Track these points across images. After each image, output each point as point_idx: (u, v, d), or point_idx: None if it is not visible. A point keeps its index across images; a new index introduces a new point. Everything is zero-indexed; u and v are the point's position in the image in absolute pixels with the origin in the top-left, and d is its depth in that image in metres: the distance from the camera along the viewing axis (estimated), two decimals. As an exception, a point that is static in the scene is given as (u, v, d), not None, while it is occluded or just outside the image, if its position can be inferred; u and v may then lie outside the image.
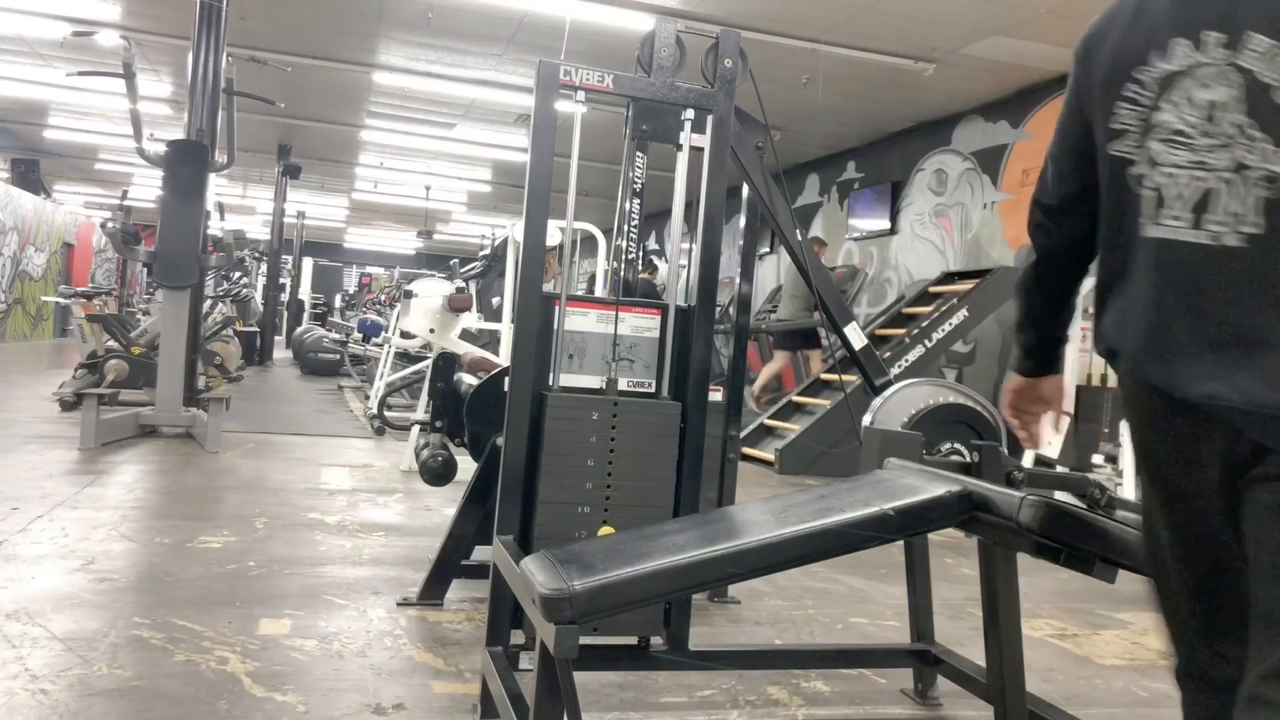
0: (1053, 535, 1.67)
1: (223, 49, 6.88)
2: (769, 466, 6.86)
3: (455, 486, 3.67)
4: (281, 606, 2.87)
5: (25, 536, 3.46)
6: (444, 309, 5.93)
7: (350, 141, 13.40)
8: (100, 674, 2.24)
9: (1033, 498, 1.69)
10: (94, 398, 5.52)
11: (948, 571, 3.96)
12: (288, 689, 2.24)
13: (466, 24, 7.94)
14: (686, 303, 2.37)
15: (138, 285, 23.26)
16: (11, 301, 15.85)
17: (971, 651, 2.67)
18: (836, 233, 11.23)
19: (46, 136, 14.49)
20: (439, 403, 3.41)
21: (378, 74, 9.58)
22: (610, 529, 2.20)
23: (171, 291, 6.11)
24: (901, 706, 2.43)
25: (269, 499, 4.44)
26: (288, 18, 8.12)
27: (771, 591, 3.46)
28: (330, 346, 12.83)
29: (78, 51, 9.48)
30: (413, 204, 19.03)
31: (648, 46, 2.41)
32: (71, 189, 20.77)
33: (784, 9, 7.11)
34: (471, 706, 2.20)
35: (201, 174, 6.18)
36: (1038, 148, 8.50)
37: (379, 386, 7.90)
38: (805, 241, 3.39)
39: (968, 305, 7.22)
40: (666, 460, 2.26)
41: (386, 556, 3.55)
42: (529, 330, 2.21)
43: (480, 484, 2.92)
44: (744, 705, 2.35)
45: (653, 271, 10.96)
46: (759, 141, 3.14)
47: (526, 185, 2.23)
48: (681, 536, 1.75)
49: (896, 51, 7.85)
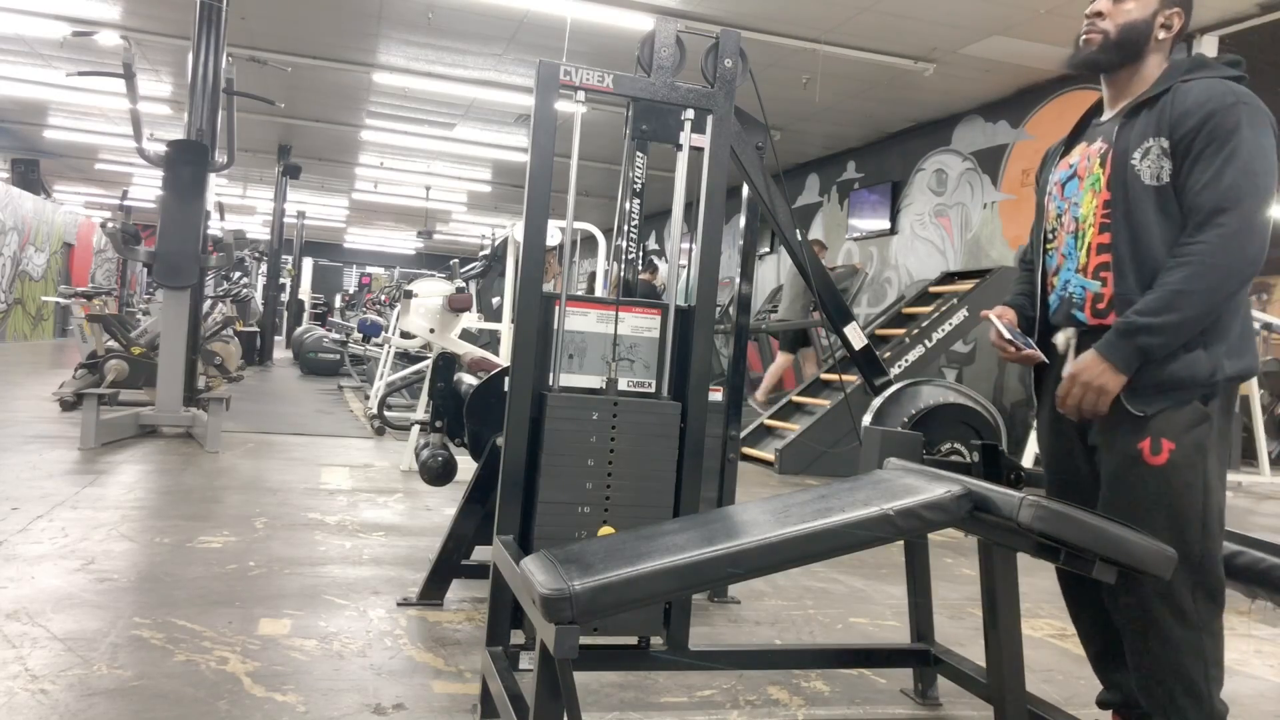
0: (1053, 535, 1.67)
1: (223, 49, 6.88)
2: (769, 466, 6.85)
3: (455, 486, 3.67)
4: (281, 606, 2.87)
5: (25, 536, 3.46)
6: (444, 309, 5.93)
7: (350, 141, 13.40)
8: (100, 674, 2.24)
9: (1033, 498, 1.69)
10: (94, 398, 5.52)
11: (948, 571, 3.96)
12: (288, 689, 2.24)
13: (466, 24, 7.94)
14: (686, 303, 2.37)
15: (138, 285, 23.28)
16: (11, 301, 15.85)
17: (971, 651, 2.67)
18: (836, 233, 11.23)
19: (46, 136, 14.49)
20: (439, 403, 3.41)
21: (378, 74, 9.59)
22: (610, 529, 2.20)
23: (171, 291, 6.11)
24: (901, 706, 2.43)
25: (269, 499, 4.44)
26: (288, 18, 8.12)
27: (771, 591, 3.46)
28: (330, 347, 12.82)
29: (78, 51, 9.48)
30: (413, 204, 19.03)
31: (648, 46, 2.41)
32: (71, 189, 20.78)
33: (784, 9, 7.11)
34: (471, 706, 2.20)
35: (201, 174, 6.18)
36: (1038, 147, 8.49)
37: (379, 386, 7.90)
38: (805, 242, 3.39)
39: (968, 305, 7.22)
40: (666, 460, 2.26)
41: (386, 556, 3.55)
42: (529, 330, 2.21)
43: (480, 484, 2.92)
44: (744, 705, 2.35)
45: (653, 272, 10.96)
46: (759, 141, 3.13)
47: (526, 185, 2.23)
48: (681, 536, 1.76)
49: (896, 51, 7.85)
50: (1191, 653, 1.80)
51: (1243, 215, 1.73)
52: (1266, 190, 1.76)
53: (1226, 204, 1.74)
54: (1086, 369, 1.81)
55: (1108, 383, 1.79)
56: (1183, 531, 1.80)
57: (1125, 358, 1.78)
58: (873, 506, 1.77)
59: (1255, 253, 1.75)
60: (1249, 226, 1.74)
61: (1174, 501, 1.80)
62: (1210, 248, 1.74)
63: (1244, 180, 1.74)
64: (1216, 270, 1.73)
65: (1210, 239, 1.74)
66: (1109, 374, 1.79)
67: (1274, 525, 6.02)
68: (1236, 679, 2.79)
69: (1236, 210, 1.73)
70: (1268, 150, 1.78)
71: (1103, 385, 1.79)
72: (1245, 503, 6.97)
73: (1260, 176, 1.75)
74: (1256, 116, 1.78)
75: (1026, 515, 1.67)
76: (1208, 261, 1.73)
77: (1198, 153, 1.78)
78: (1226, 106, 1.77)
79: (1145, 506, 1.81)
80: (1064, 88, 8.22)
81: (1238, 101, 1.78)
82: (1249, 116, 1.77)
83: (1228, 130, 1.76)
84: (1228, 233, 1.73)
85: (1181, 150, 1.80)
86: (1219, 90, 1.80)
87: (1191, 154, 1.79)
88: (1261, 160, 1.76)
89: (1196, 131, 1.78)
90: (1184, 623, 1.80)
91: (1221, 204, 1.74)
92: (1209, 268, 1.73)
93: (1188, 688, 1.81)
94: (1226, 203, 1.74)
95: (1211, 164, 1.76)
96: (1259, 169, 1.75)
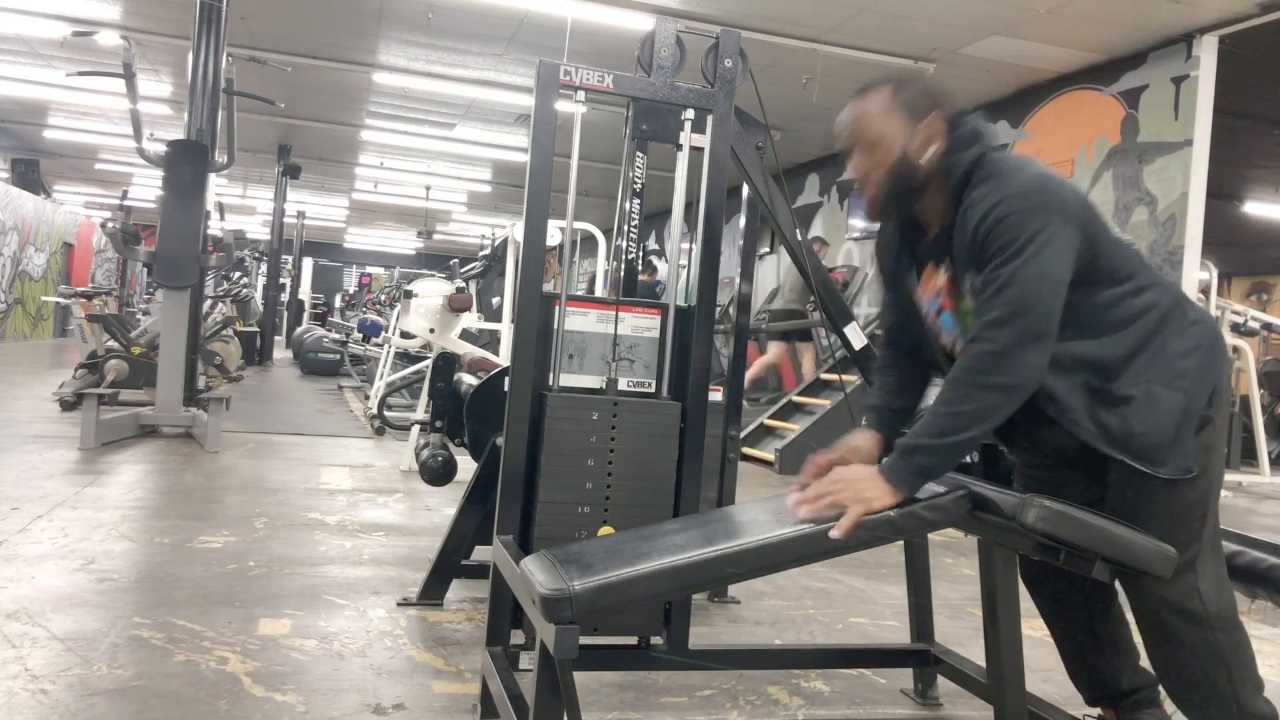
0: (1053, 535, 1.67)
1: (223, 49, 6.88)
2: (769, 466, 6.86)
3: (455, 486, 3.66)
4: (281, 606, 2.87)
5: (25, 536, 3.46)
6: (444, 309, 5.93)
7: (350, 141, 13.39)
8: (100, 674, 2.24)
9: (1033, 498, 1.69)
10: (94, 398, 5.52)
11: (948, 571, 3.96)
12: (288, 689, 2.24)
13: (466, 24, 7.94)
14: (686, 303, 2.37)
15: (138, 285, 23.27)
16: (11, 301, 15.85)
17: (971, 651, 2.67)
18: (836, 233, 11.23)
19: (46, 136, 14.48)
20: (439, 403, 3.41)
21: (378, 74, 9.58)
22: (610, 529, 2.20)
23: (171, 291, 6.11)
24: (901, 706, 2.43)
25: (269, 499, 4.44)
26: (288, 18, 8.12)
27: (771, 591, 3.46)
28: (330, 346, 12.81)
29: (78, 51, 9.48)
30: (413, 204, 19.03)
31: (648, 46, 2.41)
32: (71, 189, 20.77)
33: (784, 9, 7.11)
34: (471, 706, 2.20)
35: (201, 174, 6.18)
36: (1038, 148, 8.49)
37: (379, 386, 7.90)
38: (805, 241, 3.39)
39: (968, 305, 7.20)
40: (666, 460, 2.26)
41: (386, 556, 3.55)
42: (529, 330, 2.21)
43: (480, 484, 2.92)
44: (744, 705, 2.35)
45: (651, 272, 10.95)
46: (759, 141, 3.13)
47: (526, 185, 2.23)
48: (681, 536, 1.75)
49: (896, 51, 7.85)
50: (1208, 656, 1.77)
51: (1013, 332, 1.65)
52: (1042, 305, 1.66)
53: (998, 321, 1.66)
54: (861, 478, 1.71)
55: (875, 498, 1.68)
56: (1185, 532, 1.77)
57: (906, 480, 1.70)
58: (873, 506, 1.76)
59: (1025, 371, 1.66)
60: (1017, 343, 1.65)
61: (1183, 510, 1.77)
62: (981, 364, 1.67)
63: (1017, 296, 1.65)
64: (990, 390, 1.66)
65: (980, 353, 1.67)
66: (883, 493, 1.68)
67: (1274, 525, 6.02)
68: (1236, 679, 2.79)
69: (1007, 327, 1.65)
70: (1054, 258, 1.66)
71: (868, 499, 1.67)
72: (1245, 503, 6.97)
73: (1036, 289, 1.65)
74: (1040, 214, 1.67)
75: (1027, 515, 1.67)
76: (979, 381, 1.66)
77: (987, 263, 1.70)
78: (1001, 220, 1.68)
79: (1153, 512, 1.76)
80: (1064, 88, 8.22)
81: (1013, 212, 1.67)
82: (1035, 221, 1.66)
83: (1012, 242, 1.66)
84: (996, 350, 1.66)
85: (986, 258, 1.71)
86: (993, 203, 1.70)
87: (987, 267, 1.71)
88: (1039, 276, 1.65)
89: (984, 249, 1.70)
90: (1195, 625, 1.78)
91: (994, 320, 1.67)
92: (981, 387, 1.66)
93: (1211, 692, 1.79)
94: (997, 321, 1.66)
95: (993, 276, 1.68)
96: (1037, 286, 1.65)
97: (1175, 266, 7.08)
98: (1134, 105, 7.52)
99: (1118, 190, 7.63)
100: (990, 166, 1.77)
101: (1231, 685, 1.79)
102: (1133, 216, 7.48)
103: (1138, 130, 7.47)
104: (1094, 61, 7.74)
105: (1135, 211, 7.46)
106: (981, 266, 1.72)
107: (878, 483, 1.70)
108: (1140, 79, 7.47)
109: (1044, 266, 1.66)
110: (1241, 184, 11.62)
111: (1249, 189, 11.85)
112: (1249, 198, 12.14)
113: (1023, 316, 1.65)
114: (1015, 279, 1.66)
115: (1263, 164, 10.66)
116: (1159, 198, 7.26)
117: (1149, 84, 7.40)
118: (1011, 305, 1.65)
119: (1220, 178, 8.94)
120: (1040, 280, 1.66)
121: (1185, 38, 7.03)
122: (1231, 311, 8.31)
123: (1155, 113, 7.33)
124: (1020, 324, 1.65)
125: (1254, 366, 7.78)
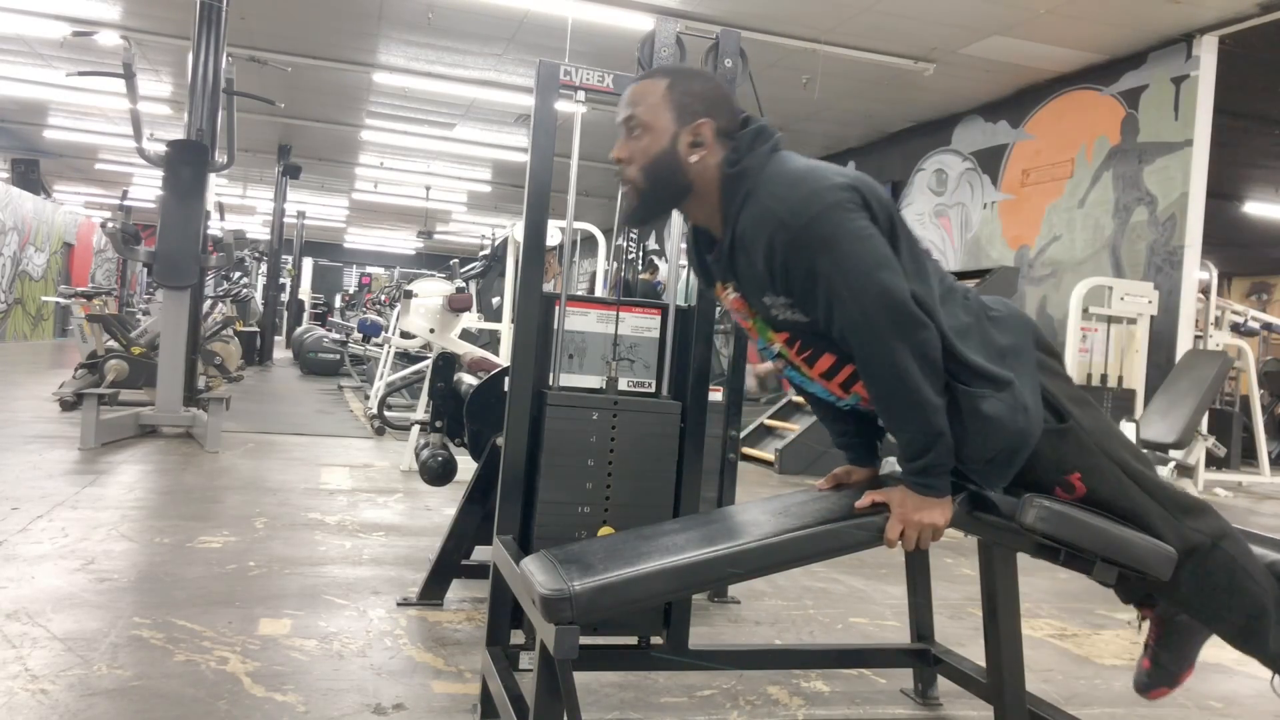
0: (1053, 535, 1.67)
1: (223, 49, 6.88)
2: (769, 466, 6.86)
3: (455, 486, 3.66)
4: (281, 606, 2.87)
5: (25, 536, 3.46)
6: (444, 309, 5.93)
7: (350, 141, 13.40)
8: (100, 674, 2.24)
9: (1033, 498, 1.69)
10: (94, 398, 5.52)
11: (948, 571, 3.96)
12: (288, 689, 2.24)
13: (466, 24, 7.94)
14: (686, 303, 2.37)
15: (138, 285, 23.27)
16: (11, 301, 15.85)
17: (971, 651, 2.67)
18: (836, 233, 11.24)
19: (46, 136, 14.50)
20: (439, 403, 3.41)
21: (378, 74, 9.59)
22: (610, 529, 2.20)
23: (171, 291, 6.11)
24: (901, 706, 2.43)
25: (269, 499, 4.44)
26: (288, 18, 8.13)
27: (771, 591, 3.46)
28: (330, 346, 12.82)
29: (78, 51, 9.49)
30: (413, 204, 19.04)
31: (648, 46, 2.41)
32: (71, 189, 20.79)
33: (784, 9, 7.11)
34: (471, 706, 2.20)
35: (201, 174, 6.18)
36: (1038, 147, 8.50)
37: (379, 386, 7.90)
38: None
39: (968, 305, 7.20)
40: (666, 460, 2.26)
41: (386, 556, 3.55)
42: (529, 330, 2.21)
43: (480, 484, 2.92)
44: (744, 705, 2.35)
45: (652, 271, 10.95)
46: (759, 141, 3.13)
47: (526, 185, 2.23)
48: (681, 536, 1.75)
49: (896, 51, 7.86)
50: (1219, 569, 1.73)
51: (886, 332, 1.57)
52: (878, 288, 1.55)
53: (870, 339, 1.58)
54: (913, 508, 1.66)
55: (940, 518, 1.66)
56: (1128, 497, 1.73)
57: (933, 484, 1.65)
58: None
59: (913, 339, 1.57)
60: (894, 335, 1.57)
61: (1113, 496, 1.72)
62: (884, 372, 1.59)
63: (859, 311, 1.56)
64: (903, 377, 1.57)
65: (878, 369, 1.60)
66: (934, 507, 1.66)
67: (1274, 525, 6.02)
68: (1236, 679, 2.79)
69: (879, 334, 1.57)
70: (853, 247, 1.56)
71: (935, 523, 1.66)
72: (1245, 503, 6.97)
73: (864, 285, 1.56)
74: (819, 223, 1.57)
75: (1026, 515, 1.67)
76: (897, 385, 1.58)
77: (807, 293, 1.61)
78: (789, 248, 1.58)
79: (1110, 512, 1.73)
80: (1064, 88, 8.23)
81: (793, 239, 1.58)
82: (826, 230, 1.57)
83: (811, 270, 1.58)
84: (887, 359, 1.58)
85: (797, 292, 1.63)
86: (770, 232, 1.60)
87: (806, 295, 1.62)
88: (858, 272, 1.56)
89: (788, 282, 1.61)
90: (1186, 555, 1.72)
91: (859, 334, 1.59)
92: (900, 383, 1.58)
93: (1238, 609, 1.76)
94: (863, 332, 1.58)
95: (822, 302, 1.60)
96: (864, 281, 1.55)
97: (1175, 266, 7.08)
98: (1134, 105, 7.53)
99: (1118, 190, 7.63)
100: (753, 183, 1.66)
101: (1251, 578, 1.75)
102: (1133, 216, 7.48)
103: (1138, 130, 7.48)
104: (1094, 61, 7.74)
105: (1135, 211, 7.46)
106: (783, 291, 1.64)
107: (925, 502, 1.65)
108: (1140, 79, 7.48)
109: (853, 263, 1.56)
110: (1241, 184, 11.63)
111: (1249, 189, 11.85)
112: (1249, 198, 12.15)
113: (880, 316, 1.56)
114: (847, 298, 1.56)
115: (1263, 164, 10.66)
116: (1159, 198, 7.26)
117: (1149, 84, 7.40)
118: (866, 317, 1.56)
119: (1220, 178, 8.95)
120: (864, 275, 1.56)
121: (1185, 38, 7.03)
122: (1231, 311, 8.31)
123: (1155, 113, 7.33)
124: (883, 321, 1.56)
125: (1254, 366, 7.78)
